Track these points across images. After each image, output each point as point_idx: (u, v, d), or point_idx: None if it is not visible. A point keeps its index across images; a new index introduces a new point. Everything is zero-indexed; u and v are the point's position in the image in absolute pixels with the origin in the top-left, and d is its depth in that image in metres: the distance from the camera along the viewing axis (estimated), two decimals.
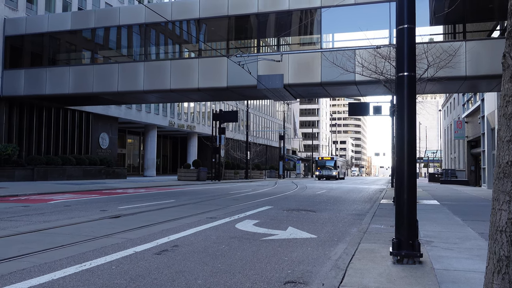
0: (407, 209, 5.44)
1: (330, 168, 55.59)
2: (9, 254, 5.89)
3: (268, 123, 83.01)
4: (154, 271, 5.16)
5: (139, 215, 10.68)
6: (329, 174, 55.13)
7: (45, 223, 9.06)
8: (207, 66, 23.01)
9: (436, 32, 20.72)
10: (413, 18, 5.67)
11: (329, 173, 55.13)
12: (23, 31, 27.68)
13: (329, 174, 55.12)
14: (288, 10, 21.80)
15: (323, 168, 56.05)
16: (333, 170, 55.39)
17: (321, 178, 55.73)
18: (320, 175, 55.90)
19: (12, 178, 26.50)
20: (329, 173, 55.13)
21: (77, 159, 32.33)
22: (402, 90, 5.63)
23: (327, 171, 55.37)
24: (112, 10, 27.34)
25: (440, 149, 67.18)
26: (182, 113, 53.77)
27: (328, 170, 55.40)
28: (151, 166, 48.45)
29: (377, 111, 23.60)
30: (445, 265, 5.42)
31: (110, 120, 40.30)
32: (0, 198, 15.10)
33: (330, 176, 54.92)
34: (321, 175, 55.66)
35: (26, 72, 27.14)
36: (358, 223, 10.10)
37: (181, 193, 20.44)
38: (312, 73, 21.15)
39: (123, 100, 31.12)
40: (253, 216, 10.88)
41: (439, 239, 7.33)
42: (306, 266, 5.66)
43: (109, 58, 26.74)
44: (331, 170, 55.34)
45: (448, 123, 49.96)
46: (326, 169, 55.57)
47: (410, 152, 5.55)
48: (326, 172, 55.35)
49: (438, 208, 13.29)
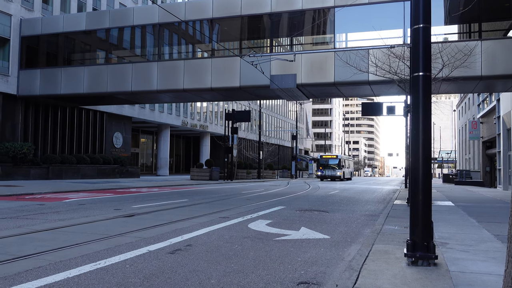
0: (422, 210, 5.39)
1: (334, 168, 50.79)
2: (25, 252, 5.96)
3: (280, 123, 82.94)
4: (167, 270, 5.19)
5: (153, 214, 10.75)
6: (332, 174, 50.27)
7: (60, 221, 9.16)
8: (220, 66, 23.07)
9: (451, 32, 20.51)
10: (429, 18, 5.61)
11: (332, 173, 50.26)
12: (39, 32, 28.05)
13: (333, 174, 50.25)
14: (301, 9, 21.75)
15: (326, 167, 51.07)
16: (337, 170, 50.57)
17: (324, 178, 50.78)
18: (322, 176, 50.83)
19: (28, 176, 26.87)
20: (332, 173, 50.26)
21: (91, 158, 32.66)
22: (417, 90, 5.57)
23: (330, 171, 50.52)
24: (126, 11, 27.54)
25: (455, 150, 66.49)
26: (195, 113, 53.97)
27: (331, 170, 50.59)
28: (164, 166, 48.73)
29: (391, 111, 23.37)
30: (461, 267, 5.36)
31: (124, 120, 40.62)
32: (16, 196, 15.32)
33: (334, 176, 50.20)
34: (324, 175, 50.62)
35: (42, 72, 27.49)
36: (372, 224, 10.04)
37: (194, 192, 20.52)
38: (325, 73, 21.08)
39: (136, 100, 31.34)
40: (266, 216, 10.88)
41: (454, 241, 7.25)
42: (320, 266, 5.64)
43: (123, 58, 26.95)
44: (335, 170, 50.49)
45: (463, 124, 49.40)
46: (330, 169, 50.77)
47: (425, 152, 5.49)
48: (329, 172, 50.49)
49: (453, 210, 13.14)
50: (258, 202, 15.41)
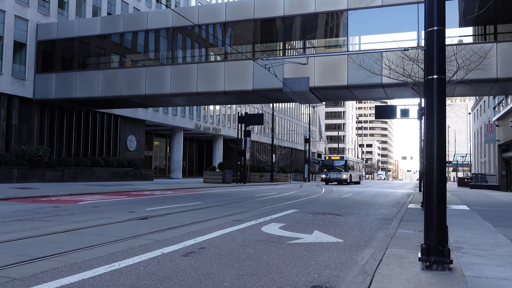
0: (437, 214, 5.34)
1: (340, 170, 48.48)
2: (42, 254, 6.05)
3: (293, 126, 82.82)
4: (181, 273, 5.22)
5: (166, 217, 10.81)
6: (338, 177, 48.08)
7: (75, 223, 9.27)
8: (233, 69, 23.15)
9: (466, 34, 20.31)
10: (443, 20, 5.57)
11: (338, 176, 48.11)
12: (55, 36, 28.45)
13: (338, 177, 48.08)
14: (314, 12, 21.73)
15: (331, 169, 48.93)
16: (343, 173, 48.25)
17: (329, 182, 48.95)
18: (327, 179, 48.87)
19: (43, 179, 27.22)
20: (338, 176, 48.11)
21: (106, 161, 32.98)
22: (431, 93, 5.53)
23: (335, 174, 48.38)
24: (140, 15, 27.79)
25: (470, 153, 65.69)
26: (208, 116, 54.17)
27: (336, 173, 48.40)
28: (177, 168, 48.96)
29: (405, 114, 23.25)
30: (476, 272, 5.30)
31: (138, 123, 40.95)
32: (32, 199, 15.53)
33: (339, 179, 48.01)
34: (328, 178, 48.68)
35: (57, 76, 27.86)
36: (385, 227, 9.97)
37: (207, 195, 20.58)
38: (338, 76, 21.02)
39: (150, 103, 31.60)
40: (279, 219, 10.87)
41: (470, 245, 7.17)
42: (333, 270, 5.62)
43: (137, 62, 27.19)
44: (340, 173, 48.23)
45: (478, 126, 48.81)
46: (335, 171, 48.60)
47: (439, 156, 5.44)
48: (334, 174, 48.39)
49: (468, 214, 12.99)
50: (271, 205, 15.40)
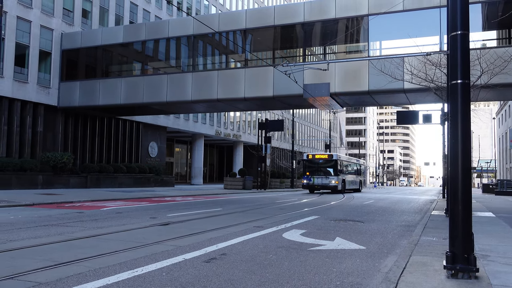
0: (462, 221, 5.23)
1: (327, 174, 34.91)
2: (66, 259, 6.14)
3: (313, 132, 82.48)
4: (203, 279, 5.23)
5: (188, 223, 10.87)
6: (324, 183, 34.37)
7: (98, 229, 9.39)
8: (253, 76, 23.23)
9: (490, 38, 19.96)
10: (467, 24, 5.49)
11: (324, 182, 34.40)
12: (79, 45, 29.05)
13: (325, 183, 34.35)
14: (334, 18, 21.68)
15: (316, 172, 35.31)
16: (331, 177, 34.51)
17: (312, 190, 35.19)
18: (310, 185, 35.03)
19: (67, 185, 27.71)
20: (324, 182, 34.40)
21: (128, 168, 33.40)
22: (455, 99, 5.45)
23: (321, 178, 34.64)
24: (161, 23, 28.17)
25: (495, 159, 64.40)
26: (228, 122, 54.40)
27: (323, 177, 34.67)
28: (198, 175, 49.25)
29: (427, 119, 22.90)
30: (503, 281, 5.17)
31: (159, 130, 41.39)
32: (57, 205, 15.81)
33: (326, 186, 34.28)
34: (312, 184, 34.82)
35: (81, 84, 28.42)
36: (409, 234, 9.82)
37: (227, 201, 20.63)
38: (359, 82, 20.89)
39: (171, 110, 31.93)
40: (300, 226, 10.81)
41: (496, 253, 7.01)
42: (356, 278, 5.56)
43: (159, 69, 27.53)
44: (328, 177, 34.51)
45: (503, 132, 47.81)
46: (320, 175, 34.93)
47: (464, 162, 5.35)
48: (319, 179, 34.64)
49: (494, 221, 12.70)
50: (291, 211, 15.34)
